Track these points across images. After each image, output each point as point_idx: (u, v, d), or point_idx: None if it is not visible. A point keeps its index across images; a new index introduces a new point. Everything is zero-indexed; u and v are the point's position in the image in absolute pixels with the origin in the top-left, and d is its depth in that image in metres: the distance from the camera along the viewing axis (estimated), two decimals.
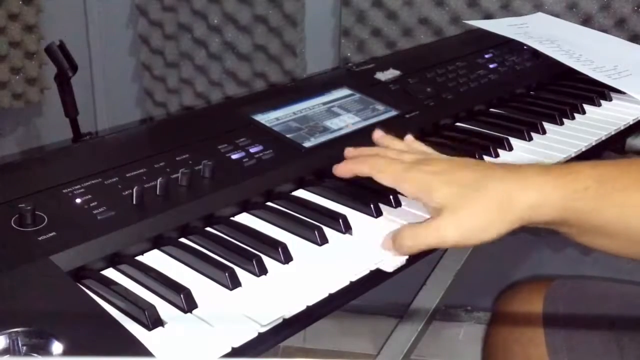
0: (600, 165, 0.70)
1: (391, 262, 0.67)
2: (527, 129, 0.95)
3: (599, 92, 1.10)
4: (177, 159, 0.75)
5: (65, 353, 0.49)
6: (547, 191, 0.68)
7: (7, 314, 0.52)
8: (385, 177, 0.74)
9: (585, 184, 0.67)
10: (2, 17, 1.66)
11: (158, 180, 0.70)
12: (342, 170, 0.78)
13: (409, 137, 0.83)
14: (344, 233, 0.71)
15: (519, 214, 0.68)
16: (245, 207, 0.74)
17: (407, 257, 0.68)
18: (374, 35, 1.60)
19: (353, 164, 0.77)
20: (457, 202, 0.68)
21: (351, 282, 0.63)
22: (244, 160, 0.78)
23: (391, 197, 0.76)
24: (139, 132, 0.95)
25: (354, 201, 0.76)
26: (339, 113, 0.91)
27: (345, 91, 0.97)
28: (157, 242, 0.67)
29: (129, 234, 0.65)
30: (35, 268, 0.58)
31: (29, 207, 0.62)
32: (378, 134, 0.84)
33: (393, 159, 0.75)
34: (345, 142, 0.86)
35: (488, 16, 1.54)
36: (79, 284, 0.60)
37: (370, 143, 0.88)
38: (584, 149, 0.93)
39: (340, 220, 0.71)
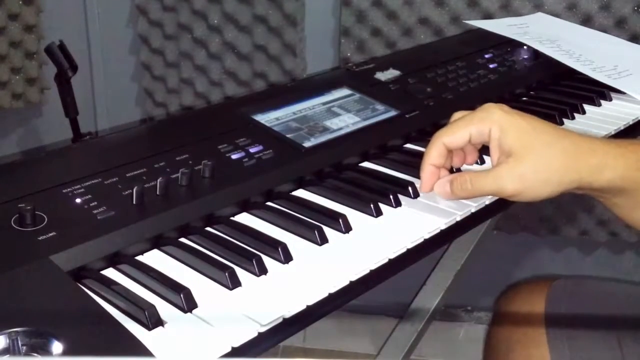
0: None
1: None
2: None
3: (599, 92, 1.10)
4: (177, 159, 0.75)
5: (65, 353, 0.49)
6: (611, 157, 0.70)
7: (7, 314, 0.52)
8: (457, 130, 0.74)
9: None
10: (2, 17, 1.66)
11: (158, 180, 0.70)
12: (423, 181, 0.76)
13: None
14: (344, 233, 0.71)
15: (581, 174, 0.70)
16: (245, 207, 0.74)
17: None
18: (374, 35, 1.60)
19: (424, 158, 0.76)
20: (526, 153, 0.70)
21: (351, 282, 0.63)
22: (244, 160, 0.78)
23: (391, 197, 0.76)
24: (139, 132, 0.95)
25: (354, 201, 0.76)
26: (339, 113, 0.91)
27: (345, 91, 0.97)
28: (157, 242, 0.67)
29: (129, 234, 0.65)
30: (35, 268, 0.58)
31: (29, 207, 0.62)
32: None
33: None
34: (345, 142, 0.86)
35: (488, 16, 1.54)
36: (79, 284, 0.60)
37: (369, 143, 0.88)
38: None
39: (340, 220, 0.71)
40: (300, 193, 0.79)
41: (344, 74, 1.06)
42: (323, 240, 0.69)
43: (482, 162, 0.84)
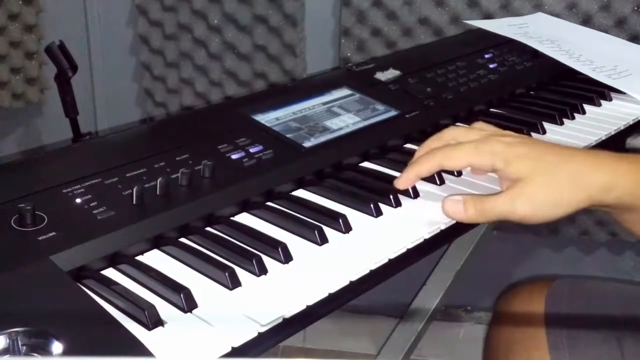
0: None
1: None
2: (527, 129, 0.95)
3: (599, 92, 1.10)
4: (177, 159, 0.75)
5: (65, 353, 0.49)
6: (620, 175, 0.70)
7: (7, 314, 0.52)
8: (457, 160, 0.74)
9: None
10: (2, 17, 1.66)
11: (158, 180, 0.70)
12: (405, 181, 0.76)
13: (478, 123, 0.82)
14: (344, 233, 0.71)
15: (590, 193, 0.70)
16: (245, 207, 0.74)
17: None
18: (374, 35, 1.60)
19: (416, 167, 0.76)
20: (533, 176, 0.70)
21: (351, 282, 0.63)
22: (244, 160, 0.78)
23: (391, 197, 0.76)
24: (139, 132, 0.95)
25: (354, 201, 0.76)
26: (339, 113, 0.91)
27: (345, 91, 0.97)
28: (157, 242, 0.67)
29: (129, 234, 0.65)
30: (35, 268, 0.58)
31: (29, 207, 0.62)
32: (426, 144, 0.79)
33: (460, 142, 0.76)
34: (345, 142, 0.86)
35: (488, 16, 1.54)
36: (79, 284, 0.60)
37: (369, 143, 0.88)
38: None
39: (340, 220, 0.71)
40: (300, 193, 0.79)
41: (344, 74, 1.06)
42: (323, 240, 0.69)
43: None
